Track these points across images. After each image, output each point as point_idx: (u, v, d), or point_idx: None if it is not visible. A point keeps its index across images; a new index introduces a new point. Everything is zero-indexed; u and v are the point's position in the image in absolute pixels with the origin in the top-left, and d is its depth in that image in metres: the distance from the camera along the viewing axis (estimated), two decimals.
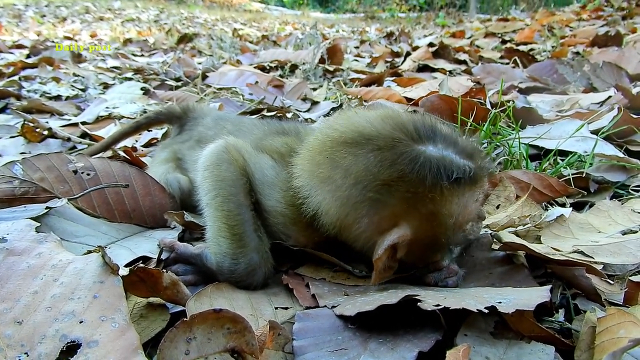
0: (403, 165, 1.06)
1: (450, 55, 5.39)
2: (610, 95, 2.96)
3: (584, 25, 8.19)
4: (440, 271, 1.19)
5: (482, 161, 1.14)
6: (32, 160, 1.57)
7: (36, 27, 11.39)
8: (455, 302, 0.93)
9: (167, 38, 9.81)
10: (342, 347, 0.95)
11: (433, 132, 1.12)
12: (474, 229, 1.19)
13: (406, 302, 0.96)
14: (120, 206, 1.59)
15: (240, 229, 1.24)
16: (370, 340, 0.96)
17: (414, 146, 1.09)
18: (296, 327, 1.00)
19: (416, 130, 1.12)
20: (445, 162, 1.07)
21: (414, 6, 19.92)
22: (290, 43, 7.35)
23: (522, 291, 1.03)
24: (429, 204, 1.06)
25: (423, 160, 1.06)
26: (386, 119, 1.17)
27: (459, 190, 1.08)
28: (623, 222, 1.42)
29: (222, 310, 0.89)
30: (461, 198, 1.09)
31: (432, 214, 1.07)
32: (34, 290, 0.95)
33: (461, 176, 1.06)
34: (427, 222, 1.08)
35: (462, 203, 1.10)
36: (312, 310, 1.08)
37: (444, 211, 1.08)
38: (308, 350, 0.95)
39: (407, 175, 1.05)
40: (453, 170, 1.06)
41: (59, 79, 4.43)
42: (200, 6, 22.94)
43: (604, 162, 1.91)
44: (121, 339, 0.88)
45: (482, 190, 1.16)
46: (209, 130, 1.93)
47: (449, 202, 1.07)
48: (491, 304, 0.90)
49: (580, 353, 0.90)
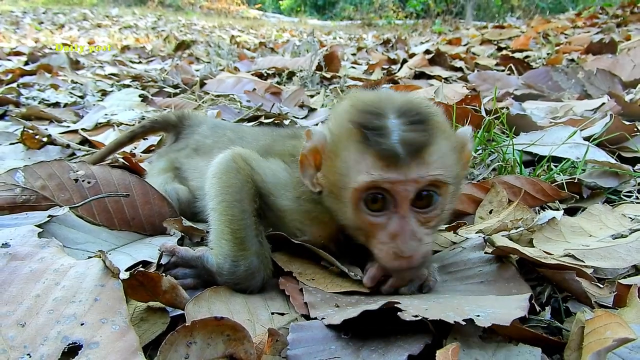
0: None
1: (446, 63, 5.44)
2: (603, 102, 3.00)
3: (579, 33, 8.25)
4: (412, 282, 1.23)
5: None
6: (33, 167, 1.60)
7: (34, 34, 11.42)
8: (435, 313, 0.96)
9: (164, 45, 9.87)
10: (335, 356, 0.97)
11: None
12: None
13: (392, 311, 0.98)
14: (120, 214, 1.61)
15: (243, 233, 1.28)
16: (362, 348, 0.99)
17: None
18: (290, 337, 1.01)
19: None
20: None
21: (411, 13, 20.04)
22: (287, 50, 7.40)
23: (502, 301, 1.06)
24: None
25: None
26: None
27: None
28: (614, 226, 1.45)
29: (223, 318, 0.91)
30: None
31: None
32: (36, 293, 0.97)
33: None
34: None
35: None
36: (306, 322, 1.11)
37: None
38: (302, 359, 0.97)
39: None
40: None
41: (58, 86, 4.45)
42: (197, 13, 23.04)
43: (596, 168, 1.94)
44: (121, 341, 0.90)
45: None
46: (206, 138, 1.96)
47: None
48: (469, 316, 0.93)
49: (570, 352, 0.92)
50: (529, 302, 0.99)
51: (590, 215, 1.53)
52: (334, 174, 1.18)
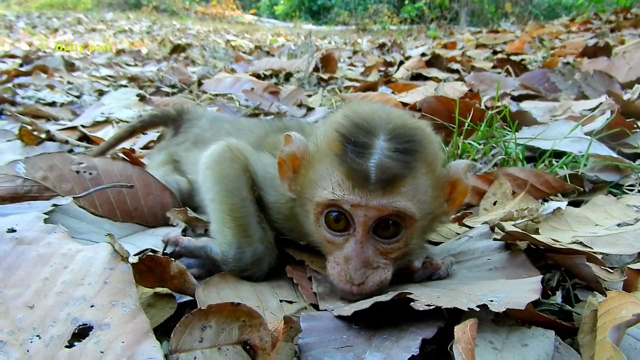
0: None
1: (443, 65, 5.46)
2: (601, 102, 3.01)
3: (573, 37, 8.31)
4: (424, 269, 1.21)
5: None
6: (34, 159, 1.58)
7: (28, 38, 11.38)
8: (447, 300, 0.94)
9: (159, 49, 9.85)
10: (347, 345, 0.96)
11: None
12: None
13: (403, 301, 0.97)
14: (122, 205, 1.59)
15: (245, 220, 1.27)
16: (374, 337, 0.98)
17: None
18: (302, 326, 1.00)
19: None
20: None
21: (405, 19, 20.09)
22: (283, 53, 7.40)
23: (513, 285, 1.05)
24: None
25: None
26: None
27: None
28: (619, 215, 1.45)
29: (240, 304, 0.90)
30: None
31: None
32: (44, 276, 0.96)
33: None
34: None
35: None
36: (317, 313, 1.09)
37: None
38: (314, 347, 0.96)
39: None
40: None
41: (53, 86, 4.43)
42: (192, 18, 23.03)
43: (598, 162, 1.94)
44: (132, 323, 0.88)
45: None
46: (205, 131, 1.95)
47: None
48: (483, 302, 0.91)
49: (584, 335, 0.92)
50: (540, 285, 0.98)
51: (595, 206, 1.53)
52: (305, 183, 1.17)
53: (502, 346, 0.87)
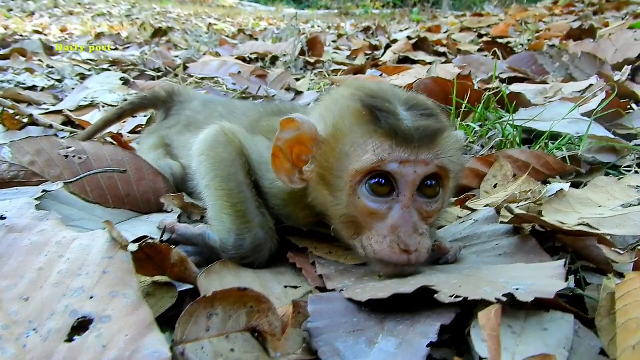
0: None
1: (429, 48, 5.42)
2: (591, 84, 3.01)
3: (557, 20, 8.32)
4: (432, 252, 1.15)
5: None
6: (21, 143, 1.52)
7: (3, 21, 11.04)
8: (471, 290, 0.90)
9: (140, 32, 9.62)
10: (358, 329, 0.92)
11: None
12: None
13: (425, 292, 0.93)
14: (114, 191, 1.54)
15: (243, 206, 1.22)
16: (386, 320, 0.94)
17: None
18: (311, 309, 0.95)
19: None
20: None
21: (388, 3, 19.98)
22: (267, 37, 7.30)
23: (534, 271, 1.01)
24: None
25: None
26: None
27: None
28: (621, 197, 1.43)
29: (247, 289, 0.86)
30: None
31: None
32: (38, 266, 0.91)
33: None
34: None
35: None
36: (325, 294, 1.05)
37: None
38: (324, 331, 0.91)
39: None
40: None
41: (33, 70, 4.30)
42: (172, 2, 22.57)
43: (595, 143, 1.93)
44: (134, 315, 0.84)
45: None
46: (198, 114, 1.89)
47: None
48: (508, 291, 0.87)
49: (601, 319, 0.90)
50: (564, 270, 0.95)
51: (597, 187, 1.51)
52: (332, 160, 1.09)
53: (522, 330, 0.85)
